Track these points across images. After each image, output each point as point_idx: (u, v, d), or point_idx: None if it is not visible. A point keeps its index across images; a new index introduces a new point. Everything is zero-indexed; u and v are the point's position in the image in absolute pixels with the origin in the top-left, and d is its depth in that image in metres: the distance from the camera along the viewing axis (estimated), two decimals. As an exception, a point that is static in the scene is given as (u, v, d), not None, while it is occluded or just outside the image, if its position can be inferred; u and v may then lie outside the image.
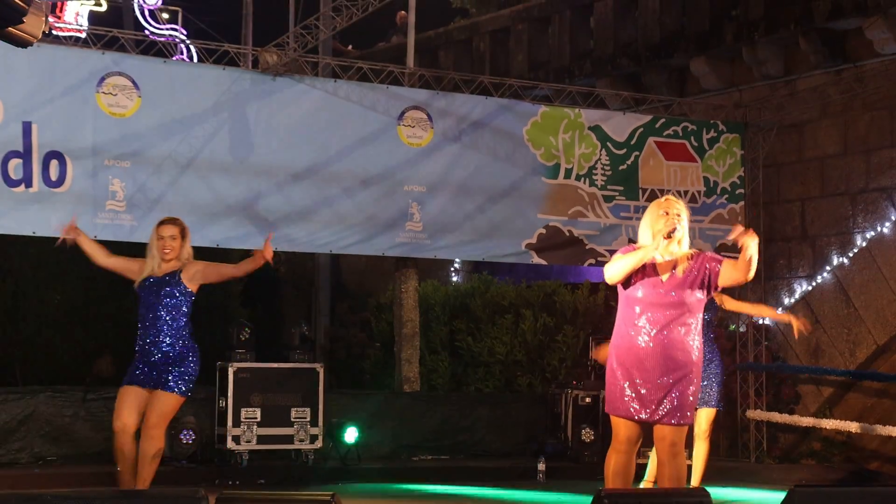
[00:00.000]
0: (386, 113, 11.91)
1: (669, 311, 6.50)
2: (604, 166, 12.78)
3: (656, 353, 6.49)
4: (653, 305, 6.51)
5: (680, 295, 6.52)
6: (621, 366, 6.56)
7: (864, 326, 12.98)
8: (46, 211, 10.52)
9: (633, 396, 6.49)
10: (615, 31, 15.49)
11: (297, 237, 11.63)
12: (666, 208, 6.57)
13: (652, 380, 6.47)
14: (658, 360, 6.48)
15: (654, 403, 6.47)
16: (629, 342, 6.54)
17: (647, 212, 6.70)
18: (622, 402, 6.53)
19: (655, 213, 6.59)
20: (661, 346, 6.48)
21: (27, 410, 10.77)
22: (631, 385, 6.50)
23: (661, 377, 6.47)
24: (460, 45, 17.60)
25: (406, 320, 12.69)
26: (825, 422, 12.59)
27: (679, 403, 6.48)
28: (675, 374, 6.47)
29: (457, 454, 12.25)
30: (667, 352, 6.48)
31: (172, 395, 7.76)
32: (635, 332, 6.53)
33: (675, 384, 6.47)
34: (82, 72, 10.76)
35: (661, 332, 6.49)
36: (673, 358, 6.48)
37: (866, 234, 13.01)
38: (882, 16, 12.54)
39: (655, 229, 6.54)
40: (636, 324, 6.53)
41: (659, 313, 6.50)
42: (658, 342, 6.49)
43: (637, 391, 6.49)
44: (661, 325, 6.49)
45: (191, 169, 11.10)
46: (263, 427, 10.88)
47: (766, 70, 13.87)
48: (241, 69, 11.50)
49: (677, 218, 6.55)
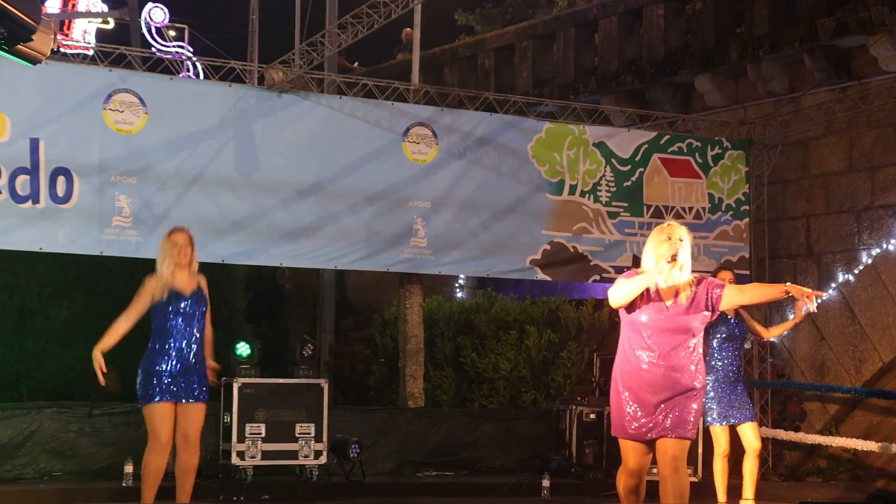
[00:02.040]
0: (391, 129, 11.94)
1: (673, 336, 6.65)
2: (608, 182, 12.80)
3: (661, 376, 6.65)
4: (657, 330, 6.66)
5: (684, 320, 6.67)
6: (628, 389, 6.72)
7: (869, 343, 12.97)
8: (53, 227, 10.56)
9: (640, 418, 6.66)
10: (620, 48, 15.54)
11: (302, 253, 11.65)
12: (668, 234, 6.69)
13: (657, 401, 6.64)
14: (663, 383, 6.65)
15: (657, 420, 6.65)
16: (634, 366, 6.70)
17: (650, 237, 6.82)
18: (630, 425, 6.68)
19: (658, 239, 6.72)
20: (666, 370, 6.65)
21: (32, 426, 10.77)
22: (638, 408, 6.67)
23: (666, 397, 6.64)
24: (465, 62, 17.66)
25: (410, 336, 12.70)
26: (831, 439, 12.58)
27: (681, 418, 6.65)
28: (678, 393, 6.65)
29: (461, 470, 12.23)
30: (671, 374, 6.65)
31: (204, 405, 8.05)
32: (640, 357, 6.68)
33: (677, 401, 6.65)
34: (89, 89, 10.80)
35: (667, 356, 6.65)
36: (678, 381, 6.67)
37: (872, 252, 13.01)
38: (887, 33, 12.57)
39: (658, 254, 6.66)
40: (641, 348, 6.68)
41: (664, 338, 6.65)
42: (663, 366, 6.65)
43: (642, 408, 6.66)
44: (666, 350, 6.65)
45: (197, 185, 11.13)
46: (268, 442, 10.86)
47: (770, 87, 13.90)
48: (246, 86, 11.54)
49: (679, 243, 6.67)
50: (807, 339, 13.52)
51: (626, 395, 6.72)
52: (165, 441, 7.88)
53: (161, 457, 7.90)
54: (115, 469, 10.70)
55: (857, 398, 13.09)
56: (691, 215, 13.07)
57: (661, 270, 6.63)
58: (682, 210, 13.05)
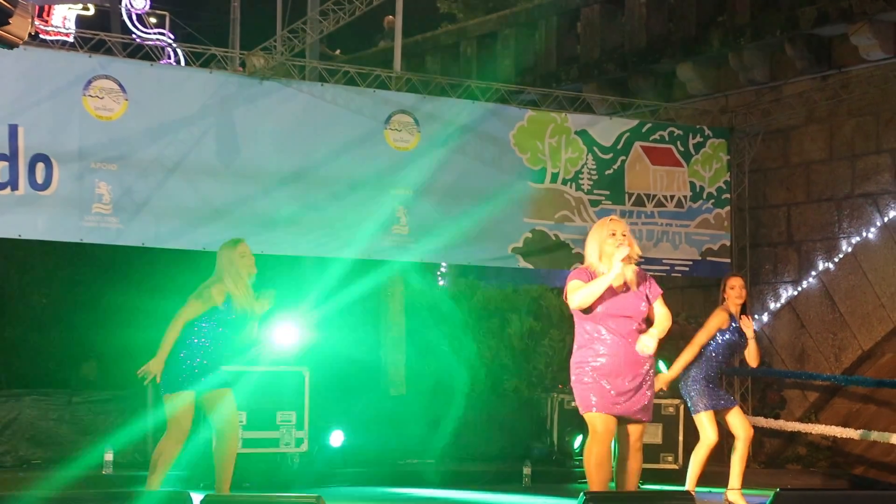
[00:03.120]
0: (373, 117, 11.91)
1: (628, 321, 7.15)
2: (590, 171, 12.80)
3: (624, 358, 7.12)
4: (614, 317, 7.13)
5: (635, 306, 7.18)
6: (596, 371, 7.13)
7: (849, 331, 13.02)
8: (32, 214, 10.50)
9: (610, 393, 7.10)
10: (602, 37, 15.54)
11: (284, 241, 11.62)
12: (613, 229, 7.14)
13: (623, 383, 7.12)
14: (627, 366, 7.13)
15: (627, 400, 7.13)
16: (596, 352, 7.14)
17: (593, 231, 7.25)
18: (600, 399, 7.10)
19: (603, 234, 7.15)
20: (627, 353, 7.12)
21: (12, 414, 10.75)
22: (608, 384, 7.11)
23: (631, 380, 7.13)
24: (447, 50, 17.63)
25: (392, 324, 12.68)
26: (811, 427, 12.62)
27: (648, 403, 7.23)
28: (640, 376, 7.16)
29: (443, 458, 12.24)
30: (632, 357, 7.13)
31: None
32: (602, 342, 7.13)
33: (642, 385, 7.17)
34: (69, 75, 10.74)
35: (626, 339, 7.12)
36: (638, 362, 7.15)
37: (852, 240, 13.05)
38: (867, 22, 12.60)
39: (607, 251, 7.09)
40: (602, 334, 7.13)
41: (620, 323, 7.13)
42: (624, 349, 7.12)
43: (612, 389, 7.11)
44: (625, 334, 7.13)
45: (178, 172, 11.08)
46: (249, 430, 10.83)
47: (752, 76, 13.92)
48: (228, 73, 11.49)
49: (623, 238, 7.10)
50: (787, 327, 13.56)
51: (594, 374, 7.12)
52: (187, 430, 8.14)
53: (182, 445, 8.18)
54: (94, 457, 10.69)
55: (837, 386, 13.14)
56: (673, 203, 13.09)
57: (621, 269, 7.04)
58: (664, 198, 13.07)
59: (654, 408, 11.75)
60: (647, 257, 12.89)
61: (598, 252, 7.14)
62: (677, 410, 11.84)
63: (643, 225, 12.99)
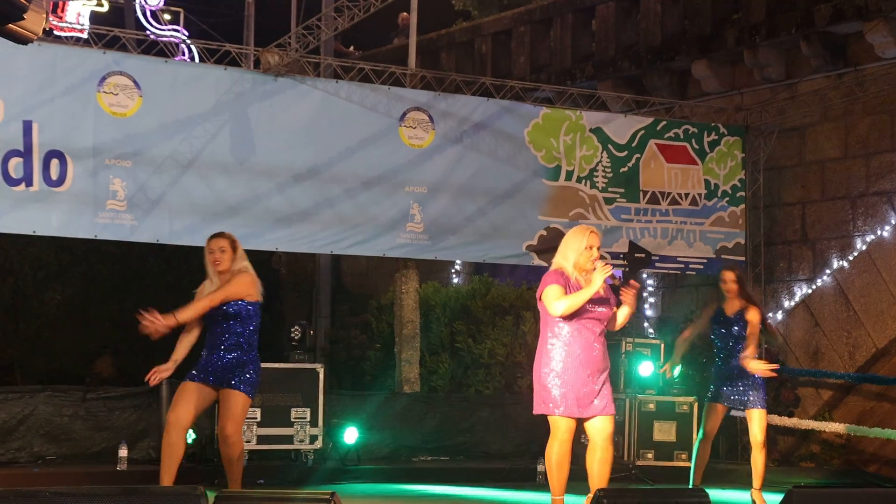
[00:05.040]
0: (387, 114, 11.92)
1: (595, 325, 7.43)
2: (605, 168, 12.79)
3: (591, 360, 7.39)
4: (582, 321, 7.39)
5: (603, 312, 7.46)
6: (565, 372, 7.36)
7: (863, 329, 12.98)
8: (47, 210, 10.53)
9: (573, 397, 7.37)
10: (617, 34, 15.51)
11: (298, 238, 11.63)
12: (591, 243, 7.42)
13: (589, 383, 7.40)
14: (592, 367, 7.40)
15: (590, 401, 7.40)
16: (564, 353, 7.37)
17: (571, 237, 7.50)
18: (565, 403, 7.38)
19: (581, 244, 7.42)
20: (593, 355, 7.41)
21: (27, 410, 10.77)
22: (571, 389, 7.36)
23: (595, 380, 7.41)
24: (462, 47, 17.62)
25: (406, 321, 12.69)
26: (825, 424, 12.59)
27: (609, 398, 7.48)
28: (602, 375, 7.45)
29: (456, 455, 12.24)
30: (597, 358, 7.44)
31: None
32: (571, 345, 7.37)
33: (604, 383, 7.46)
34: (83, 71, 10.76)
35: (593, 343, 7.41)
36: (602, 363, 7.47)
37: (866, 238, 13.01)
38: (883, 20, 12.55)
39: (581, 262, 7.38)
40: (570, 337, 7.38)
41: (588, 328, 7.41)
42: (591, 352, 7.40)
43: (577, 394, 7.36)
44: (592, 338, 7.41)
45: (192, 169, 11.10)
46: (263, 427, 10.88)
47: (767, 73, 13.87)
48: (242, 69, 11.51)
49: (597, 251, 7.44)
50: (801, 325, 13.52)
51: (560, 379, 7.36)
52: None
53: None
54: (108, 453, 10.72)
55: (851, 384, 13.11)
56: (687, 201, 13.07)
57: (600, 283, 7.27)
58: (678, 196, 13.05)
59: (668, 406, 11.89)
60: (662, 255, 12.89)
61: (573, 260, 7.42)
62: (691, 408, 11.82)
63: (658, 223, 12.96)
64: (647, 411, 11.81)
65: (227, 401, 7.76)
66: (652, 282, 15.06)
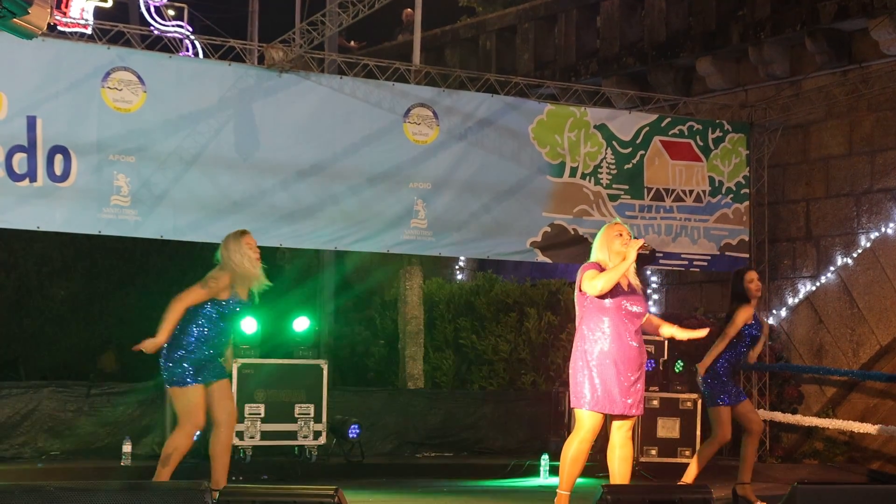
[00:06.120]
0: (392, 110, 11.90)
1: (634, 319, 7.49)
2: (609, 165, 12.77)
3: (631, 354, 7.43)
4: (622, 314, 7.44)
5: (641, 305, 7.55)
6: (600, 366, 7.39)
7: (867, 326, 12.98)
8: (51, 206, 10.51)
9: (604, 392, 7.37)
10: (621, 31, 15.50)
11: (302, 234, 11.62)
12: (620, 231, 7.55)
13: (627, 379, 7.41)
14: (632, 361, 7.44)
15: (625, 399, 7.41)
16: (603, 346, 7.41)
17: (602, 234, 7.63)
18: (595, 397, 7.38)
19: (611, 235, 7.55)
20: (633, 349, 7.45)
21: (31, 405, 10.78)
22: (603, 384, 7.37)
23: (632, 375, 7.43)
24: (466, 43, 17.61)
25: (410, 318, 12.69)
26: (828, 421, 12.58)
27: (641, 396, 7.53)
28: (639, 371, 7.48)
29: (460, 451, 12.25)
30: (636, 352, 7.47)
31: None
32: (610, 338, 7.41)
33: (638, 380, 7.48)
34: (87, 66, 10.74)
35: (634, 336, 7.46)
36: (640, 358, 7.51)
37: (870, 235, 13.00)
38: (888, 16, 12.54)
39: (617, 248, 7.47)
40: (610, 330, 7.42)
41: (628, 320, 7.45)
42: (630, 345, 7.43)
43: (612, 389, 7.37)
44: (633, 331, 7.46)
45: (196, 165, 11.09)
46: (267, 423, 10.88)
47: (771, 70, 13.87)
48: (246, 65, 11.49)
49: (627, 236, 7.52)
50: (805, 322, 13.52)
51: (595, 371, 7.38)
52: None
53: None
54: (112, 449, 10.72)
55: (855, 381, 13.11)
56: (692, 198, 13.05)
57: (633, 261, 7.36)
58: (683, 193, 13.03)
59: (672, 402, 11.89)
60: (666, 252, 12.88)
61: (607, 253, 7.52)
62: (695, 405, 11.83)
63: (662, 220, 12.95)
64: (650, 408, 11.80)
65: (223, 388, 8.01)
66: (656, 278, 15.06)
